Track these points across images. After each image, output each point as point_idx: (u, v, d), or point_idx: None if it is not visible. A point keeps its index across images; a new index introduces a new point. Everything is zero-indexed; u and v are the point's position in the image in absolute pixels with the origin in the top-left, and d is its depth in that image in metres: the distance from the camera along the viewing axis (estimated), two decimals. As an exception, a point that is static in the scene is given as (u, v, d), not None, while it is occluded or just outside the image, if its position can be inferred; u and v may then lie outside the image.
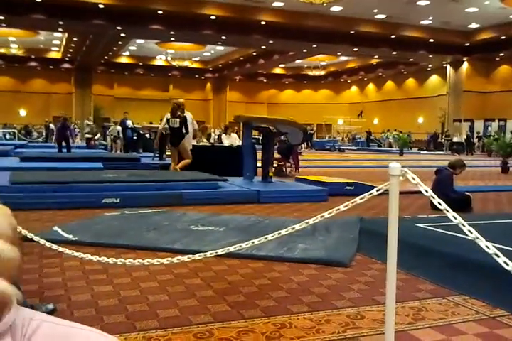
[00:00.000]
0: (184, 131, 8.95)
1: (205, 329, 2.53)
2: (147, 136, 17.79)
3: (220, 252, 2.66)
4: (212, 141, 12.93)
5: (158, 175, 8.70)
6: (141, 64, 39.27)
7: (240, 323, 2.62)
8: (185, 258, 2.65)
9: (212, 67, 40.91)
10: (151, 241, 4.39)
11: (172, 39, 28.60)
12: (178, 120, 8.87)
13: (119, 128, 17.56)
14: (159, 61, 38.90)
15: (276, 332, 2.50)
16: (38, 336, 0.70)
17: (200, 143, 11.94)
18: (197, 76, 42.25)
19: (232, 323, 2.62)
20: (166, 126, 9.21)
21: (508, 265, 1.76)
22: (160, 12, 22.57)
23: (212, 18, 23.48)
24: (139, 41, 31.99)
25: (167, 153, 13.34)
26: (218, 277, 3.48)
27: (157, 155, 13.29)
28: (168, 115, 9.08)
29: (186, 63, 35.44)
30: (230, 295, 3.10)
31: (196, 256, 2.64)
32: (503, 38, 26.93)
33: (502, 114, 30.46)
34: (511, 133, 24.41)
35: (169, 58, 34.94)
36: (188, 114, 9.37)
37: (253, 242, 2.59)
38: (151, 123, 21.37)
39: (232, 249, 2.64)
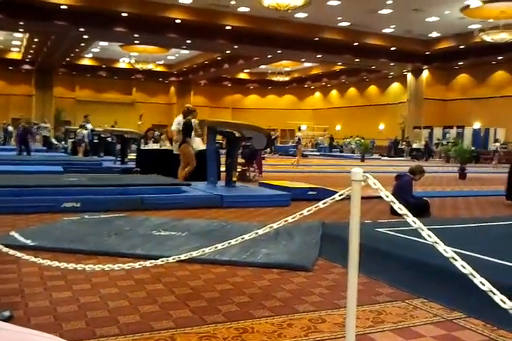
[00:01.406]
0: (185, 135, 9.02)
1: (166, 335, 2.50)
2: (109, 139, 17.55)
3: (182, 257, 2.64)
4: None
5: (119, 179, 8.59)
6: (104, 66, 38.78)
7: (202, 329, 2.61)
8: (147, 263, 2.62)
9: (176, 71, 40.74)
10: (111, 246, 4.32)
11: (136, 42, 28.39)
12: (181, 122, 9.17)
13: (84, 131, 17.27)
14: (122, 64, 38.50)
15: (239, 337, 2.50)
16: None
17: (163, 147, 11.85)
18: (161, 79, 41.98)
19: (194, 329, 2.60)
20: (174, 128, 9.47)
21: (465, 268, 1.81)
22: (124, 14, 22.37)
23: (177, 21, 23.41)
24: (102, 43, 31.60)
25: (129, 157, 13.20)
26: (180, 282, 3.45)
27: (119, 159, 13.12)
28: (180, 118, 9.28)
29: (150, 66, 35.17)
30: (192, 300, 3.08)
31: (158, 262, 2.61)
32: (462, 47, 27.76)
33: (460, 121, 31.34)
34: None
35: (133, 61, 34.61)
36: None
37: (216, 247, 2.58)
38: (112, 126, 21.08)
39: (194, 254, 2.63)
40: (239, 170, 10.91)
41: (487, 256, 3.51)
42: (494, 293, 1.69)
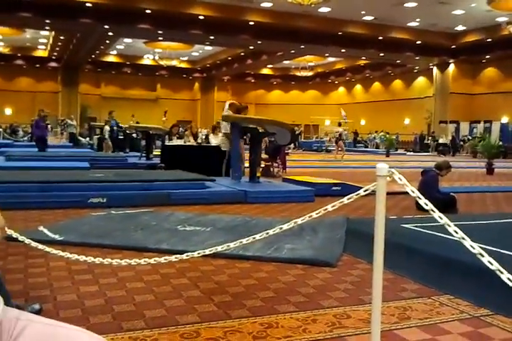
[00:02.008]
0: None
1: (191, 330, 2.53)
2: (134, 135, 17.71)
3: (207, 252, 2.66)
4: (199, 140, 12.90)
5: (145, 174, 8.68)
6: (128, 63, 39.11)
7: (226, 323, 2.63)
8: (173, 258, 2.64)
9: (200, 67, 40.85)
10: (137, 241, 4.37)
11: (160, 38, 28.52)
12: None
13: (107, 127, 17.46)
14: (147, 60, 38.75)
15: (263, 332, 2.51)
16: (25, 336, 0.69)
17: (187, 143, 11.90)
18: (185, 76, 42.16)
19: (219, 323, 2.62)
20: None
21: (492, 264, 1.78)
22: (148, 11, 22.49)
23: (201, 17, 23.45)
24: (127, 40, 31.84)
25: (154, 153, 13.30)
26: (205, 277, 3.47)
27: (144, 155, 13.23)
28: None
29: (174, 63, 35.35)
30: (216, 295, 3.10)
31: (183, 256, 2.63)
32: (489, 40, 27.20)
33: (487, 116, 30.77)
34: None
35: (157, 57, 34.83)
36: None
37: (241, 242, 2.60)
38: (137, 122, 21.26)
39: (219, 248, 2.65)
40: (263, 165, 10.91)
41: (515, 252, 3.45)
42: (523, 290, 1.66)
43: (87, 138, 21.85)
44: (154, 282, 3.34)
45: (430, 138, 31.35)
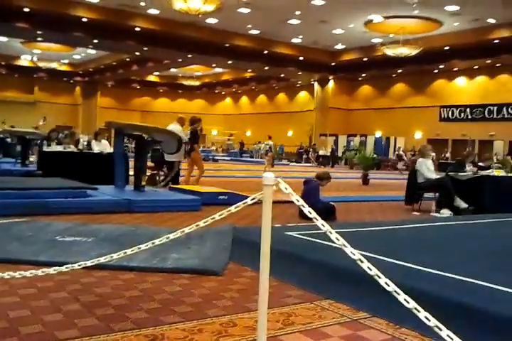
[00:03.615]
0: (192, 143, 10.03)
1: (71, 345, 2.39)
2: (8, 140, 16.55)
3: (89, 264, 2.54)
4: (80, 147, 12.36)
5: (19, 182, 8.12)
6: (3, 63, 36.59)
7: (109, 337, 2.52)
8: (51, 270, 2.49)
9: (82, 71, 39.31)
10: (12, 253, 4.07)
11: (39, 39, 27.06)
12: (188, 132, 10.12)
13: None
14: (24, 61, 36.52)
15: (148, 345, 2.44)
16: None
17: (68, 150, 11.35)
18: (65, 79, 40.33)
19: (101, 337, 2.51)
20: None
21: (371, 270, 1.88)
22: (26, 9, 21.28)
23: (84, 20, 22.61)
24: (2, 38, 29.81)
25: (30, 159, 12.53)
26: (86, 290, 3.31)
27: (19, 161, 12.41)
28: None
29: (54, 65, 33.66)
30: (98, 308, 2.96)
31: (63, 268, 2.49)
32: (365, 59, 29.14)
33: (363, 130, 32.85)
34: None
35: (35, 59, 32.97)
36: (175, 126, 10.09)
37: (125, 253, 2.51)
38: (12, 126, 19.92)
39: (102, 260, 2.54)
40: (148, 174, 10.70)
41: (390, 257, 3.69)
42: (398, 293, 1.78)
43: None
44: (31, 296, 3.12)
45: (311, 149, 32.78)
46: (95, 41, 25.83)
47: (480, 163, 9.44)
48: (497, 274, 3.41)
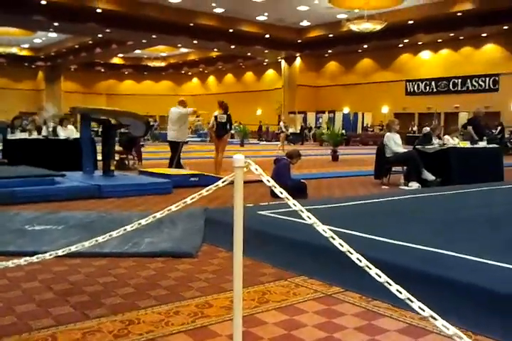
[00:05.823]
0: (228, 126, 10.63)
1: (47, 334, 2.38)
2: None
3: (60, 253, 2.51)
4: (45, 133, 12.08)
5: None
6: (-42, 49, 35.30)
7: (85, 324, 2.51)
8: (22, 261, 2.45)
9: (44, 55, 38.19)
10: (-21, 244, 3.99)
11: (-4, 23, 26.14)
12: (225, 116, 10.49)
13: None
14: (-18, 47, 35.30)
15: (125, 330, 2.44)
16: None
17: (32, 137, 11.09)
18: (26, 64, 39.16)
19: (76, 325, 2.50)
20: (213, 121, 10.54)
21: (342, 246, 1.91)
22: (-21, -8, 20.49)
23: (43, 2, 21.89)
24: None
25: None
26: (58, 278, 3.28)
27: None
28: (216, 112, 10.56)
29: (14, 50, 32.62)
30: (72, 296, 2.94)
31: (34, 259, 2.46)
32: (331, 35, 29.05)
33: (331, 107, 32.96)
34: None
35: (-7, 44, 31.91)
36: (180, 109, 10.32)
37: (96, 240, 2.48)
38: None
39: (73, 248, 2.51)
40: (117, 158, 10.57)
41: (362, 232, 3.75)
42: (370, 268, 1.80)
43: None
44: (1, 287, 3.08)
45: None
46: (56, 24, 25.07)
47: (446, 136, 9.58)
48: (462, 243, 3.51)
